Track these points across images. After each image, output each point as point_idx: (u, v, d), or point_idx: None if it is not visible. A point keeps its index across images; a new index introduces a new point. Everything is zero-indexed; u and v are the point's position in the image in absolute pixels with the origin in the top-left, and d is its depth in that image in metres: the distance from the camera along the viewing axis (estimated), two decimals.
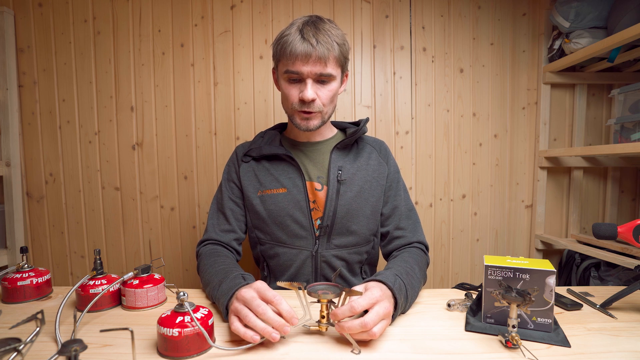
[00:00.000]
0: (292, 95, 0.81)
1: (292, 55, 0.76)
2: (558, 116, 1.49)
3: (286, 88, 0.81)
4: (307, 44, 0.75)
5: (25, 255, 0.75)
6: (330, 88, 0.81)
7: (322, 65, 0.77)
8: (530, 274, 0.57)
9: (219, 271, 0.72)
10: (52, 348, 0.54)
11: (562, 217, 1.53)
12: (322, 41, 0.76)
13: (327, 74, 0.78)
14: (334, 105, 0.86)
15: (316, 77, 0.78)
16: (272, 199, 0.86)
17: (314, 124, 0.83)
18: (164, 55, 1.36)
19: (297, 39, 0.76)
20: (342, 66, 0.83)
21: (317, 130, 0.89)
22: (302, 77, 0.78)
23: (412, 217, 0.91)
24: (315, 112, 0.81)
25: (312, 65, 0.76)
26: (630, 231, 0.68)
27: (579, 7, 1.24)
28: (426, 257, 0.86)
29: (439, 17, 1.43)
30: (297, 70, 0.77)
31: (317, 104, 0.80)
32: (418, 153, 1.46)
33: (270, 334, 0.51)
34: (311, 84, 0.78)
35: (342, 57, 0.81)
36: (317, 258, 0.86)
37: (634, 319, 0.63)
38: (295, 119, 0.83)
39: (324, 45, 0.76)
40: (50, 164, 1.38)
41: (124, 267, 1.41)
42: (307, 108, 0.80)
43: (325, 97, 0.81)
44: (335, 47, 0.78)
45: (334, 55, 0.78)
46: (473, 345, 0.54)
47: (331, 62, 0.78)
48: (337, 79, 0.82)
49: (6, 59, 1.28)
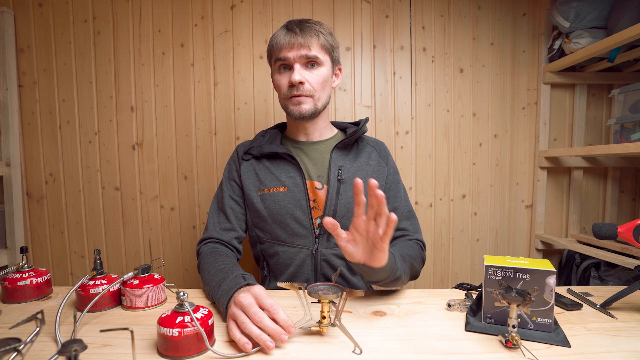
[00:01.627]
0: (283, 83, 0.84)
1: (278, 45, 0.83)
2: (558, 116, 1.49)
3: (277, 79, 0.86)
4: (291, 33, 0.82)
5: (25, 255, 0.75)
6: (319, 73, 0.84)
7: (307, 49, 0.81)
8: (530, 274, 0.57)
9: (219, 270, 0.72)
10: (52, 348, 0.54)
11: (562, 217, 1.53)
12: (305, 29, 0.82)
13: (313, 55, 0.82)
14: (327, 94, 0.88)
15: (303, 60, 0.82)
16: (272, 197, 0.86)
17: (306, 108, 0.84)
18: (164, 55, 1.36)
19: (283, 32, 0.83)
20: (330, 54, 0.86)
21: (316, 127, 0.90)
22: (290, 63, 0.83)
23: (411, 218, 0.93)
24: (306, 96, 0.83)
25: (296, 50, 0.81)
26: (630, 231, 0.68)
27: (579, 7, 1.24)
28: (422, 252, 0.86)
29: (439, 17, 1.43)
30: (284, 56, 0.82)
31: (306, 87, 0.83)
32: (418, 153, 1.46)
33: (265, 342, 0.52)
34: (299, 68, 0.82)
35: (329, 44, 0.85)
36: (317, 257, 0.86)
37: (634, 319, 0.63)
38: (288, 107, 0.86)
39: (307, 32, 0.82)
40: (50, 164, 1.38)
41: (124, 267, 1.41)
42: (297, 91, 0.82)
43: (314, 81, 0.83)
44: (319, 34, 0.83)
45: (318, 41, 0.83)
46: (473, 345, 0.54)
47: (315, 47, 0.82)
48: (326, 66, 0.85)
49: (6, 59, 1.28)
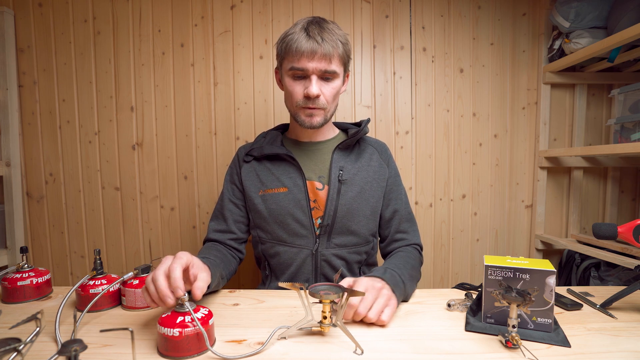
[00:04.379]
0: (297, 92, 0.82)
1: (297, 52, 0.77)
2: (558, 116, 1.49)
3: (290, 85, 0.82)
4: (313, 41, 0.77)
5: (25, 255, 0.75)
6: (333, 85, 0.82)
7: (327, 62, 0.78)
8: (530, 274, 0.57)
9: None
10: (52, 348, 0.54)
11: (562, 217, 1.53)
12: (327, 39, 0.78)
13: (332, 70, 0.80)
14: (336, 104, 0.87)
15: (321, 73, 0.79)
16: (273, 198, 0.86)
17: (318, 120, 0.83)
18: (164, 55, 1.36)
19: (303, 37, 0.77)
20: (344, 65, 0.85)
21: (319, 129, 0.90)
22: (307, 74, 0.80)
23: (411, 220, 0.95)
24: (319, 109, 0.82)
25: (317, 62, 0.78)
26: (630, 231, 0.68)
27: (579, 7, 1.24)
28: (420, 256, 0.90)
29: (439, 17, 1.43)
30: (303, 67, 0.78)
31: (321, 100, 0.81)
32: (418, 153, 1.46)
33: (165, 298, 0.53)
34: (316, 80, 0.79)
35: (346, 55, 0.83)
36: (317, 257, 0.86)
37: (634, 319, 0.63)
38: (299, 116, 0.84)
39: (329, 43, 0.78)
40: (50, 164, 1.38)
41: (124, 267, 1.41)
42: (312, 104, 0.81)
43: (329, 94, 0.82)
44: (339, 45, 0.80)
45: (339, 53, 0.80)
46: (473, 345, 0.54)
47: (335, 60, 0.80)
48: (340, 77, 0.84)
49: (6, 59, 1.28)
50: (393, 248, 0.92)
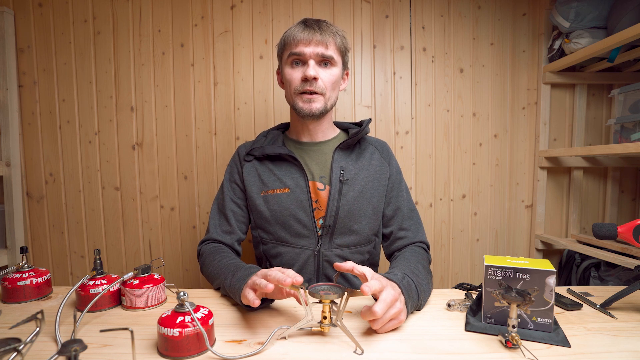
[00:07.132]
0: (295, 77, 0.84)
1: (295, 39, 0.82)
2: (558, 116, 1.49)
3: (289, 74, 0.84)
4: (310, 29, 0.82)
5: (25, 255, 0.75)
6: (332, 72, 0.84)
7: (324, 47, 0.82)
8: (530, 274, 0.57)
9: (229, 264, 0.74)
10: (52, 348, 0.54)
11: (562, 217, 1.53)
12: (323, 27, 0.82)
13: (329, 55, 0.82)
14: (336, 95, 0.88)
15: (318, 58, 0.82)
16: (275, 199, 0.86)
17: (317, 107, 0.84)
18: (164, 55, 1.36)
19: (300, 28, 0.83)
20: (342, 56, 0.86)
21: (319, 127, 0.90)
22: (305, 59, 0.82)
23: (414, 218, 0.92)
24: (318, 94, 0.83)
25: (314, 46, 0.81)
26: (630, 231, 0.68)
27: (579, 7, 1.24)
28: (427, 255, 0.87)
29: (439, 17, 1.43)
30: (300, 52, 0.81)
31: (319, 84, 0.83)
32: (418, 153, 1.46)
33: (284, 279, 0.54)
34: (313, 64, 0.82)
35: (343, 47, 0.86)
36: (319, 257, 0.86)
37: (634, 319, 0.63)
38: (297, 103, 0.84)
39: (325, 31, 0.82)
40: (50, 164, 1.38)
41: (124, 267, 1.41)
42: (310, 87, 0.82)
43: (327, 80, 0.83)
44: (336, 35, 0.84)
45: (335, 42, 0.83)
46: (473, 345, 0.54)
47: (332, 46, 0.83)
48: (339, 67, 0.85)
49: (6, 59, 1.28)
50: (397, 246, 0.89)
